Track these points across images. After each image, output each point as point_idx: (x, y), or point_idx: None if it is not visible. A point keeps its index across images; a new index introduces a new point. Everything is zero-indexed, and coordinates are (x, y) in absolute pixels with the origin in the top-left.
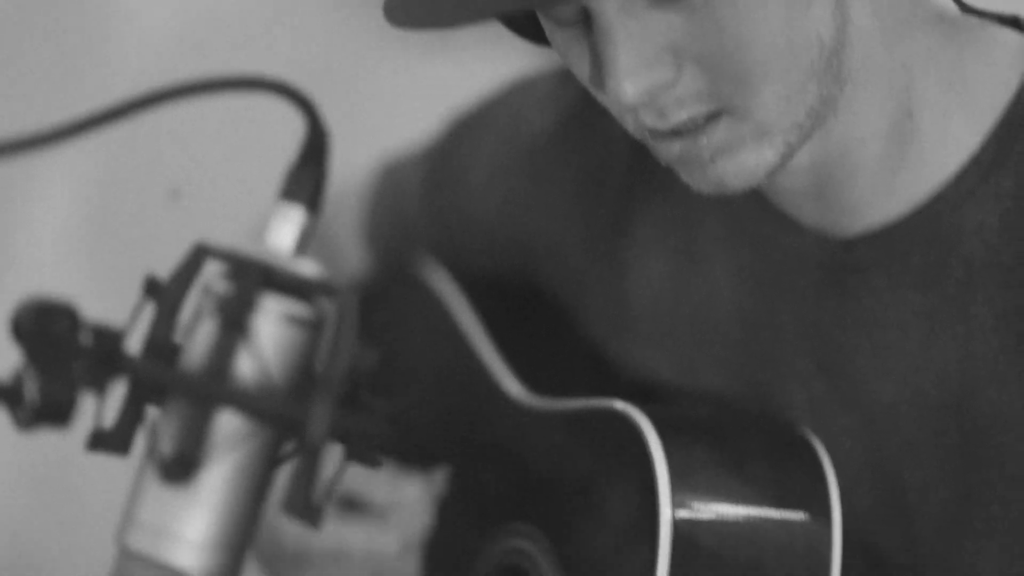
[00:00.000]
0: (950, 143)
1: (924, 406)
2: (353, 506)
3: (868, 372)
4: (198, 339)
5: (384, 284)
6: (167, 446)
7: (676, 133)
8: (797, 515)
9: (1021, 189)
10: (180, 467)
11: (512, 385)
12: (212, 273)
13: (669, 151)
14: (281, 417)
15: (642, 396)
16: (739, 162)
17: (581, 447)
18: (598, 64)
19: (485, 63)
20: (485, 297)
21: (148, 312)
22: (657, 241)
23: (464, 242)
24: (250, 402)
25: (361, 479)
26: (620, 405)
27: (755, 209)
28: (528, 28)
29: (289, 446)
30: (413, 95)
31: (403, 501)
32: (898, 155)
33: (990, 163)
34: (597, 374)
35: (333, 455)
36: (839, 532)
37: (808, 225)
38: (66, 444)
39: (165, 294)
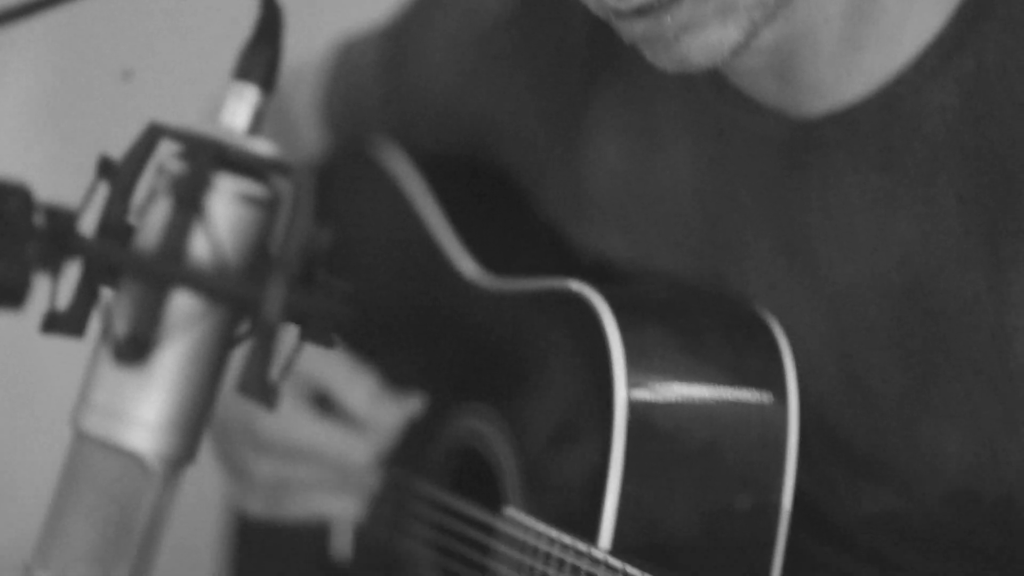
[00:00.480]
0: (913, 23)
1: (884, 288)
2: (330, 408)
3: (828, 253)
4: (152, 219)
5: (340, 165)
6: (121, 327)
7: (640, 12)
8: (753, 396)
9: (983, 70)
10: (134, 348)
11: (468, 265)
12: (166, 153)
13: (632, 30)
14: (236, 297)
15: (598, 278)
16: (703, 39)
17: (536, 328)
18: None
19: None
20: (442, 178)
21: (102, 193)
22: (615, 123)
23: (421, 122)
24: (204, 282)
25: (344, 385)
26: (576, 285)
27: (715, 90)
28: None
29: (244, 327)
30: None
31: (382, 419)
32: (860, 34)
33: (952, 44)
34: (554, 255)
35: (289, 336)
36: (795, 413)
37: (769, 106)
38: (20, 326)
39: (118, 175)
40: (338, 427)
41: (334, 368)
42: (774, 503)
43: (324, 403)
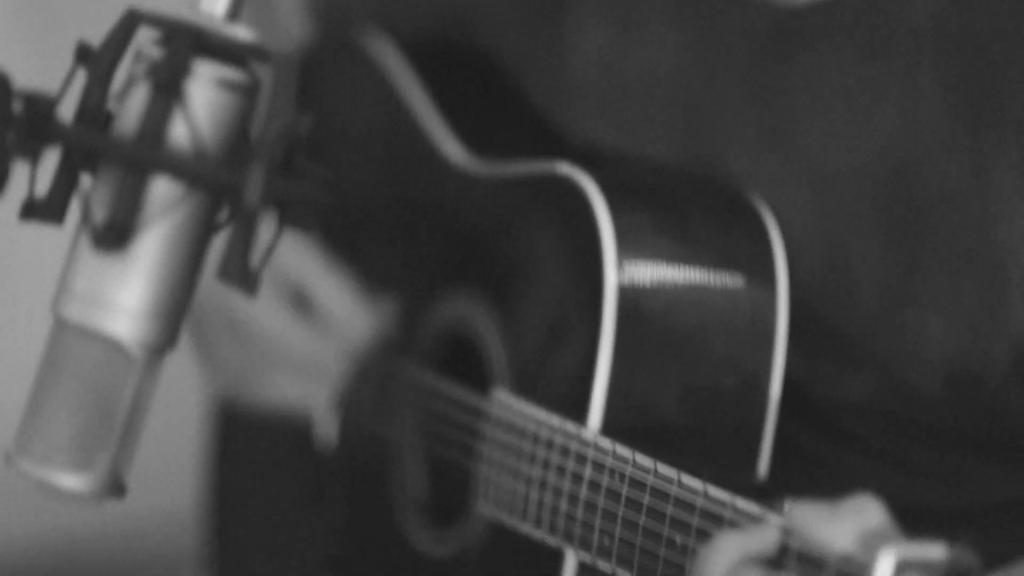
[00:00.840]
0: None
1: (868, 175)
2: (307, 308)
3: (813, 141)
4: (131, 105)
5: (324, 51)
6: (100, 214)
7: None
8: (742, 281)
9: None
10: (113, 234)
11: (454, 150)
12: (145, 39)
13: None
14: (216, 182)
15: (586, 163)
16: None
17: (525, 211)
18: None
19: None
20: (427, 64)
21: (80, 80)
22: (597, 10)
23: (405, 9)
24: (184, 167)
25: (322, 287)
26: (565, 168)
27: None
28: None
29: (224, 213)
30: None
31: (354, 325)
32: None
33: None
34: (542, 141)
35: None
36: (785, 298)
37: None
38: None
39: (97, 61)
40: (310, 328)
41: (314, 269)
42: (763, 388)
43: (302, 303)
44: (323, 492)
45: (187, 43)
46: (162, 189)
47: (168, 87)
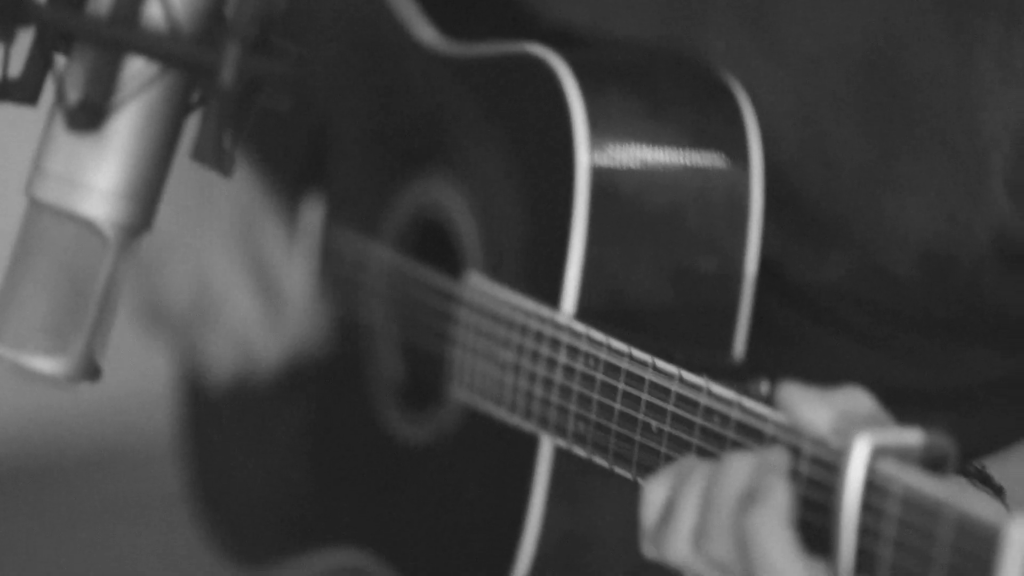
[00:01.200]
0: None
1: (849, 60)
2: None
3: (792, 24)
4: None
5: None
6: (75, 94)
7: None
8: (716, 160)
9: None
10: (87, 115)
11: (426, 32)
12: None
13: None
14: (190, 61)
15: (560, 44)
16: None
17: (496, 93)
18: None
19: None
20: None
21: None
22: None
23: None
24: (158, 47)
25: (284, 273)
26: (536, 49)
27: None
28: None
29: (198, 93)
30: None
31: (300, 328)
32: None
33: None
34: (514, 22)
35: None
36: (759, 178)
37: None
38: None
39: None
40: (259, 310)
41: (281, 252)
42: (737, 267)
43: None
44: (297, 380)
45: None
46: (136, 69)
47: None
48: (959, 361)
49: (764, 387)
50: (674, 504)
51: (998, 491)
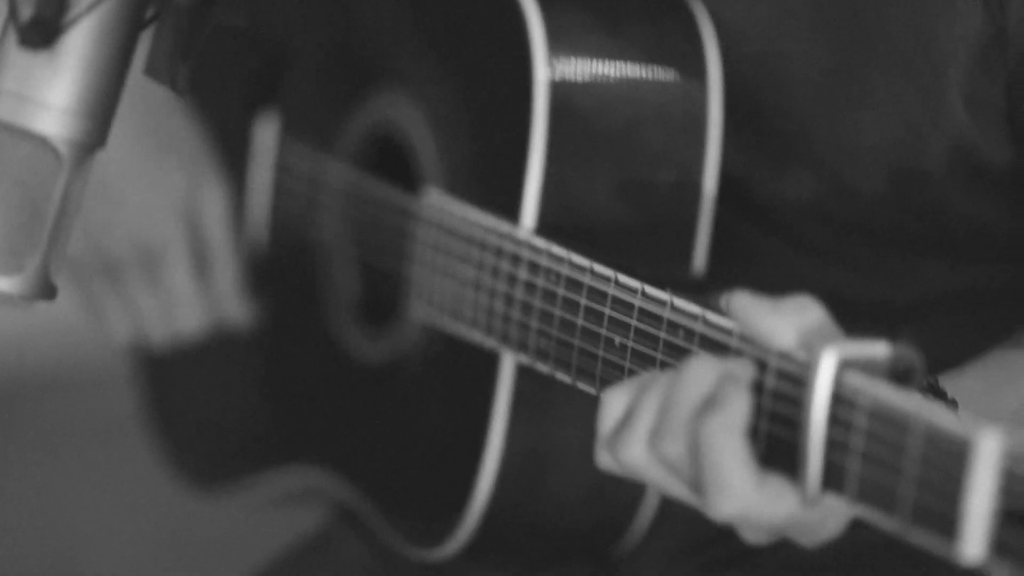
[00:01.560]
0: None
1: None
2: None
3: None
4: None
5: None
6: (27, 10)
7: None
8: (674, 75)
9: None
10: (40, 31)
11: None
12: None
13: None
14: None
15: None
16: None
17: (454, 8)
18: None
19: None
20: None
21: None
22: None
23: None
24: None
25: (221, 264)
26: None
27: None
28: None
29: (152, 9)
30: None
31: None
32: None
33: None
34: None
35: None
36: (718, 92)
37: None
38: None
39: None
40: (191, 291)
41: (221, 229)
42: (696, 183)
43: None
44: (254, 299)
45: None
46: None
47: None
48: (920, 274)
49: (724, 302)
50: (633, 408)
51: (951, 405)
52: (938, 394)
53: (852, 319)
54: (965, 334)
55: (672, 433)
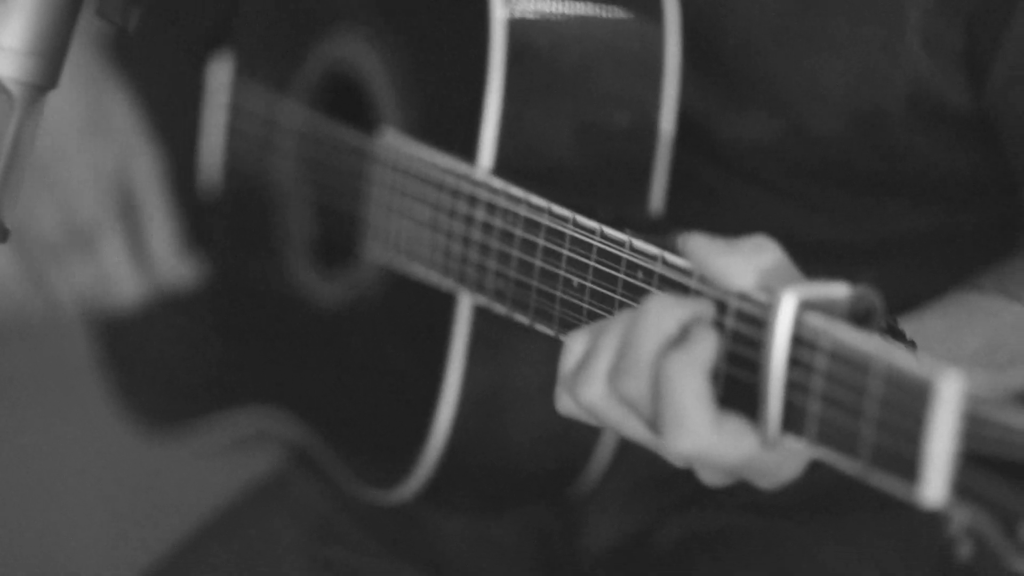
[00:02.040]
0: None
1: None
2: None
3: None
4: None
5: None
6: None
7: None
8: (631, 15)
9: None
10: None
11: None
12: None
13: None
14: None
15: None
16: None
17: None
18: None
19: None
20: None
21: None
22: None
23: None
24: None
25: (156, 224)
26: None
27: None
28: None
29: None
30: None
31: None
32: None
33: None
34: None
35: None
36: (675, 33)
37: None
38: None
39: None
40: (127, 264)
41: (155, 201)
42: (652, 123)
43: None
44: (210, 241)
45: None
46: None
47: None
48: (881, 215)
49: (682, 242)
50: (593, 347)
51: (910, 346)
52: (897, 335)
53: (814, 260)
54: (927, 275)
55: (632, 371)
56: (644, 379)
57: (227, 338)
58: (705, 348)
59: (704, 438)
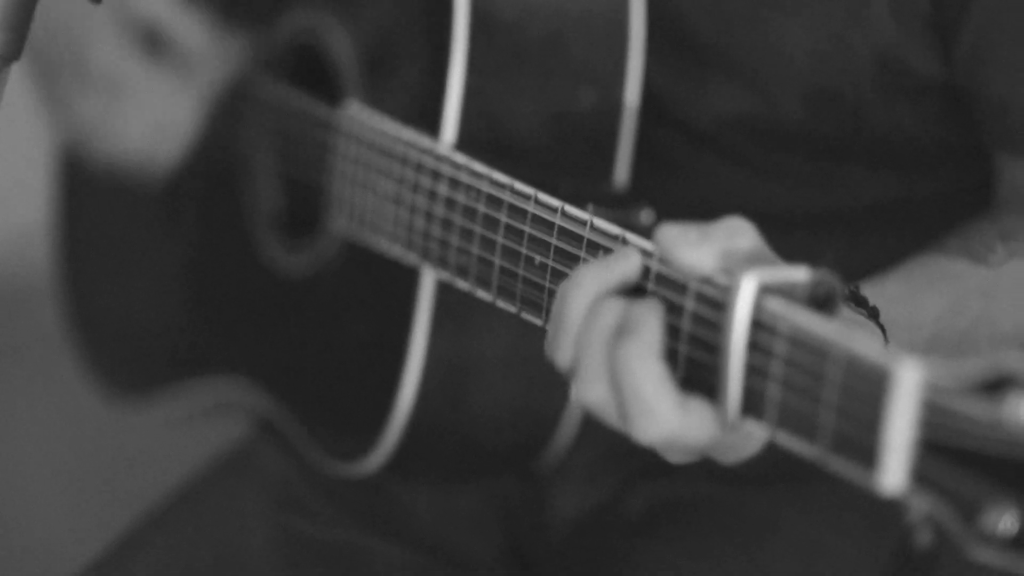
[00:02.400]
0: None
1: None
2: (161, 50)
3: None
4: None
5: None
6: None
7: None
8: None
9: None
10: None
11: None
12: None
13: None
14: None
15: None
16: None
17: None
18: None
19: None
20: None
21: None
22: None
23: None
24: None
25: (175, 23)
26: None
27: None
28: None
29: None
30: None
31: (213, 62)
32: None
33: None
34: None
35: None
36: (640, 6)
37: None
38: None
39: None
40: (166, 69)
41: (167, 7)
42: (617, 95)
43: (155, 44)
44: (176, 209)
45: None
46: None
47: None
48: (848, 184)
49: (646, 216)
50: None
51: (872, 313)
52: (859, 302)
53: (781, 230)
54: (893, 243)
55: (591, 373)
56: (603, 378)
57: (195, 307)
58: (651, 330)
59: (672, 423)
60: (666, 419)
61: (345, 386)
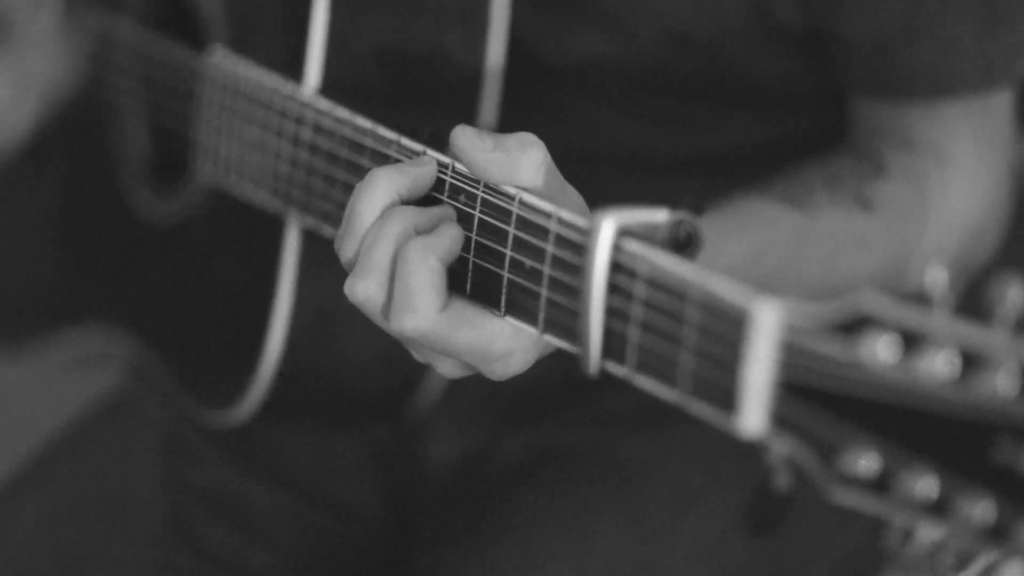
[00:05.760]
0: None
1: None
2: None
3: None
4: None
5: None
6: None
7: None
8: None
9: None
10: None
11: None
12: None
13: None
14: None
15: None
16: None
17: None
18: None
19: None
20: None
21: None
22: None
23: None
24: None
25: (28, 15)
26: None
27: None
28: None
29: None
30: None
31: (53, 51)
32: None
33: None
34: None
35: None
36: None
37: None
38: None
39: None
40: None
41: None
42: (481, 38)
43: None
44: (46, 156)
45: None
46: None
47: None
48: (722, 128)
49: (426, 130)
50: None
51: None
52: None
53: (650, 172)
54: (761, 185)
55: (366, 270)
56: (374, 267)
57: (67, 255)
58: (446, 238)
59: (427, 319)
60: (423, 314)
61: (215, 334)
